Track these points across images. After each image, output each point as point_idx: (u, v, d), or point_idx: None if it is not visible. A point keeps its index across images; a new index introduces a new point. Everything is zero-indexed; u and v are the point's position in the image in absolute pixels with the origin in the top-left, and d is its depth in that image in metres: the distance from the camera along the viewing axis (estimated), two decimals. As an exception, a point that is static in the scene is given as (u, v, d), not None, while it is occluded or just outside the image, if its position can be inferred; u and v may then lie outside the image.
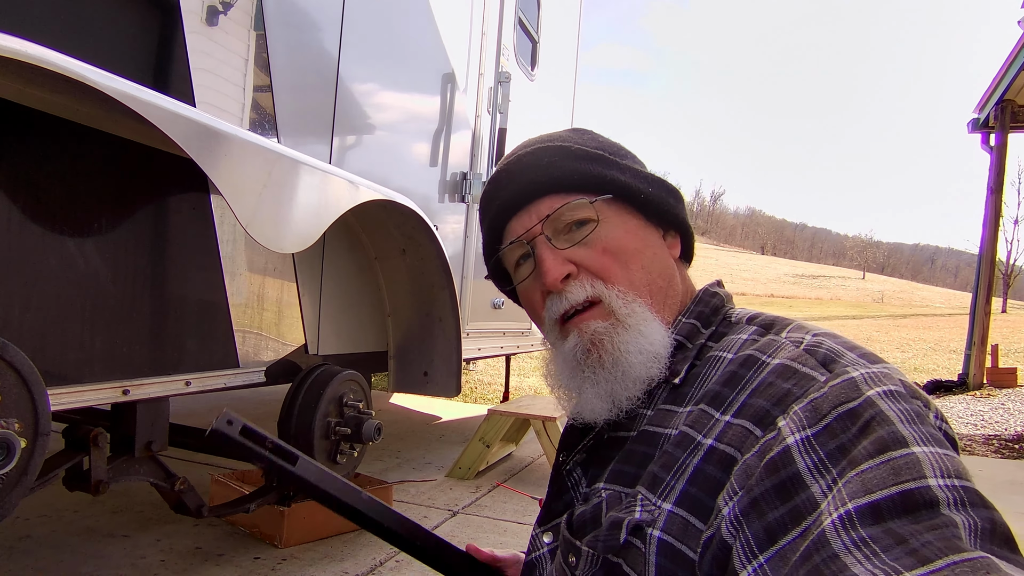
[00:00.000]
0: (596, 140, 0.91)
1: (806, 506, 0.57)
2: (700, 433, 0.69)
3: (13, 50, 1.04)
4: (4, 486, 1.15)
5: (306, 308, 2.34)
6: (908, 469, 0.54)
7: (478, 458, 3.57)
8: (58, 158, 1.46)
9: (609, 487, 0.75)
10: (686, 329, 0.83)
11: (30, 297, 1.41)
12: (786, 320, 0.80)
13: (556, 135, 0.90)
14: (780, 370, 0.69)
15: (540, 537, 0.87)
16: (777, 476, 0.60)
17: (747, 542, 0.59)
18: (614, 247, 0.83)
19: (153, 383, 1.68)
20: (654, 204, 0.87)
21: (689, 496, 0.66)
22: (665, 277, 0.85)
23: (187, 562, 2.21)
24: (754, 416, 0.66)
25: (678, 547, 0.65)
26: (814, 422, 0.61)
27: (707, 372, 0.76)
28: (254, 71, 2.00)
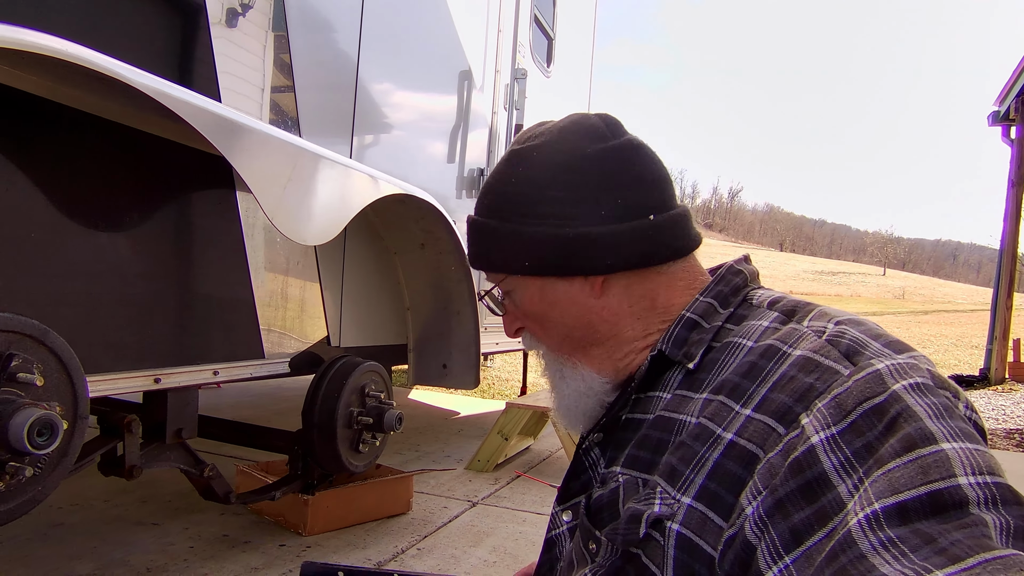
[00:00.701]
0: (506, 188, 0.87)
1: (832, 506, 0.56)
2: (720, 426, 0.69)
3: (52, 48, 1.10)
4: (47, 466, 1.21)
5: (328, 301, 2.39)
6: (937, 468, 0.53)
7: (496, 451, 3.61)
8: (90, 154, 1.52)
9: (626, 472, 0.76)
10: (702, 308, 0.83)
11: (66, 288, 1.47)
12: (809, 305, 0.78)
13: (492, 173, 0.91)
14: (802, 363, 0.67)
15: (560, 515, 0.89)
16: (802, 476, 0.59)
17: (772, 543, 0.58)
18: (528, 313, 0.90)
19: (183, 372, 1.74)
20: (543, 269, 0.85)
21: (708, 491, 0.66)
22: (584, 327, 0.86)
23: (215, 548, 2.27)
24: (776, 412, 0.65)
25: (696, 541, 0.65)
26: (839, 419, 0.60)
27: (725, 359, 0.75)
28: (276, 71, 2.05)
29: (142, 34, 1.63)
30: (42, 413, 1.09)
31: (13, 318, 1.15)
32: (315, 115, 2.22)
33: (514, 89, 3.73)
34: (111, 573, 2.04)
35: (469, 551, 2.41)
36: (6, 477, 1.14)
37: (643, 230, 0.82)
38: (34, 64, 1.29)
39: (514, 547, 2.46)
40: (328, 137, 2.30)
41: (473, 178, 3.45)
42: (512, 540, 2.54)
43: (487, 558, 2.35)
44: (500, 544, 2.49)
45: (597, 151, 0.84)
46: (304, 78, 2.15)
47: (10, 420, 1.07)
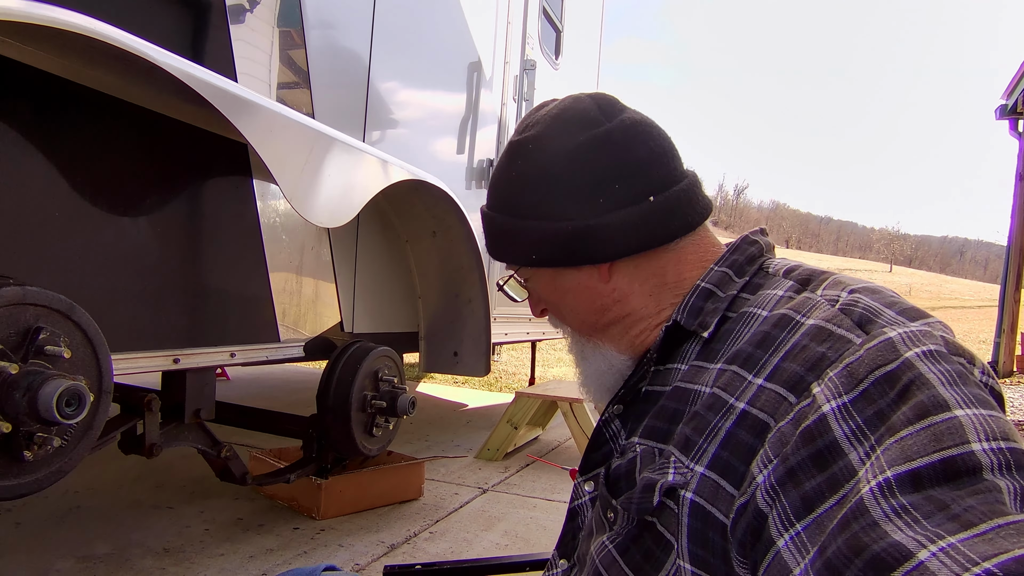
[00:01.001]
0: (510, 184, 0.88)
1: (843, 474, 0.56)
2: (732, 396, 0.69)
3: (82, 26, 1.12)
4: (73, 437, 1.23)
5: (342, 288, 2.42)
6: (950, 434, 0.53)
7: (506, 440, 3.63)
8: (113, 137, 1.54)
9: (643, 442, 0.77)
10: (716, 277, 0.83)
11: (89, 269, 1.49)
12: (824, 274, 0.78)
13: (497, 165, 0.93)
14: (814, 332, 0.67)
15: (582, 486, 0.90)
16: (813, 445, 0.59)
17: (783, 511, 0.58)
18: (545, 300, 0.93)
19: (201, 353, 1.76)
20: (553, 261, 0.87)
21: (721, 460, 0.66)
22: (593, 311, 0.89)
23: (230, 531, 2.30)
24: (787, 382, 0.65)
25: (708, 509, 0.66)
26: (850, 388, 0.60)
27: (740, 329, 0.75)
28: (291, 65, 2.08)
29: (164, 26, 1.65)
30: (71, 383, 1.12)
31: (41, 292, 1.17)
32: (329, 107, 2.24)
33: (523, 81, 3.74)
34: (129, 553, 2.07)
35: (481, 535, 2.43)
36: (34, 447, 1.16)
37: (644, 214, 0.82)
38: (63, 45, 1.31)
39: (525, 531, 2.49)
40: (341, 129, 2.32)
41: (483, 169, 3.47)
42: (523, 525, 2.56)
43: (499, 541, 2.37)
44: (512, 528, 2.51)
45: (589, 139, 0.83)
46: (318, 71, 2.17)
47: (40, 389, 1.09)
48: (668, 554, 0.70)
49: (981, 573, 0.45)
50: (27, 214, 1.38)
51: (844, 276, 0.77)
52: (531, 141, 0.86)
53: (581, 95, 0.89)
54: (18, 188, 1.35)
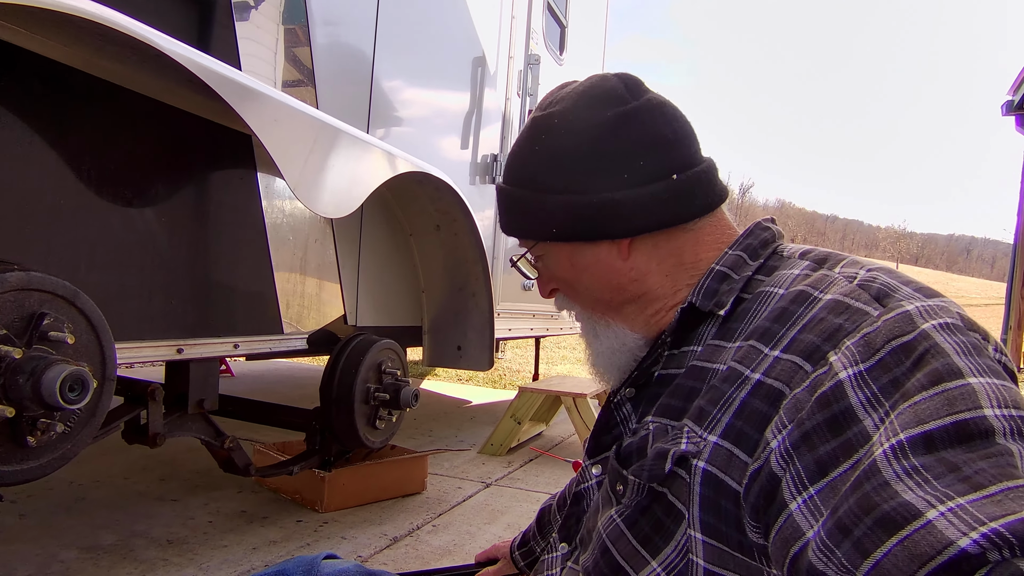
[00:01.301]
0: (534, 156, 0.88)
1: (858, 439, 0.57)
2: (748, 368, 0.69)
3: (92, 13, 1.12)
4: (77, 423, 1.24)
5: (345, 281, 2.42)
6: (963, 399, 0.54)
7: (510, 435, 3.63)
8: (119, 127, 1.55)
9: (656, 420, 0.77)
10: (731, 260, 0.84)
11: (94, 257, 1.50)
12: (840, 255, 0.79)
13: (517, 140, 0.92)
14: (832, 305, 0.67)
15: (589, 469, 0.90)
16: (829, 410, 0.59)
17: (797, 474, 0.59)
18: (559, 277, 0.93)
19: (205, 343, 1.77)
20: (574, 235, 0.87)
21: (734, 428, 0.67)
22: (610, 289, 0.88)
23: (234, 523, 2.31)
24: (804, 351, 0.65)
25: (721, 477, 0.66)
26: (867, 356, 0.60)
27: (757, 308, 0.75)
28: (296, 63, 2.08)
29: (170, 23, 1.66)
30: (74, 368, 1.12)
31: (45, 278, 1.18)
32: (333, 103, 2.24)
33: (527, 76, 3.74)
34: (134, 543, 2.08)
35: (484, 528, 2.44)
36: (37, 433, 1.17)
37: (666, 191, 0.83)
38: (72, 34, 1.32)
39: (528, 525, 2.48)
40: (346, 122, 2.32)
41: (487, 164, 3.46)
42: (527, 518, 2.56)
43: (502, 535, 2.37)
44: (515, 521, 2.51)
45: (616, 115, 0.84)
46: (323, 67, 2.17)
47: (43, 374, 1.10)
48: (679, 524, 0.70)
49: (988, 532, 0.46)
50: (33, 202, 1.38)
51: (861, 258, 0.78)
52: (557, 116, 0.87)
53: (607, 74, 0.90)
54: (24, 176, 1.36)
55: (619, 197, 0.83)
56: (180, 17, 1.69)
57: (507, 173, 0.93)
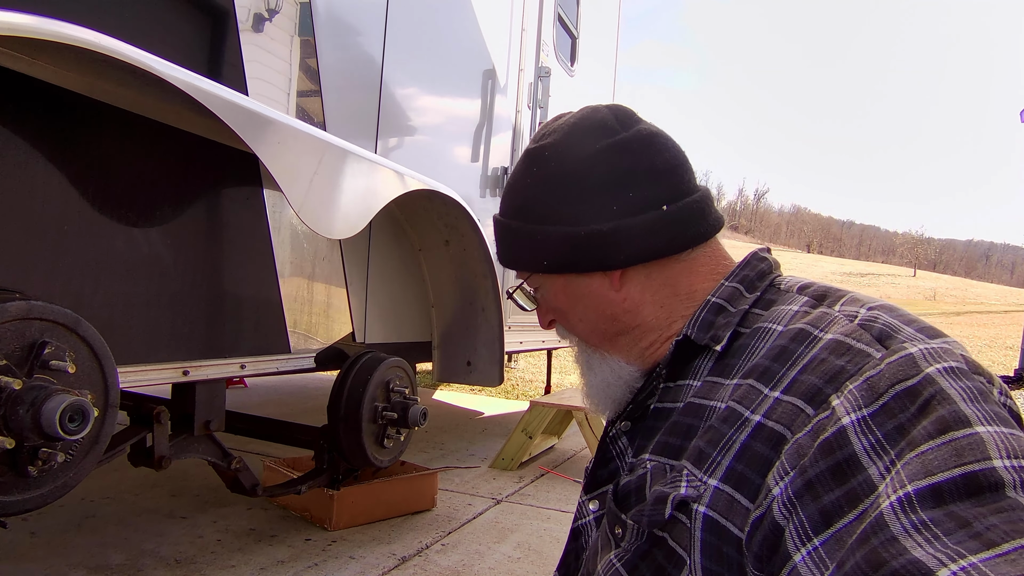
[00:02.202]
0: (526, 190, 0.89)
1: (863, 488, 0.55)
2: (748, 409, 0.68)
3: (90, 41, 1.12)
4: (79, 452, 1.23)
5: (353, 297, 2.41)
6: (971, 450, 0.52)
7: (521, 449, 3.61)
8: (123, 150, 1.55)
9: (654, 458, 0.76)
10: (727, 292, 0.82)
11: (98, 280, 1.50)
12: (840, 291, 0.77)
13: (512, 174, 0.93)
14: (833, 346, 0.66)
15: (586, 504, 0.89)
16: (832, 457, 0.58)
17: (801, 524, 0.57)
18: (554, 308, 0.93)
19: (211, 365, 1.76)
20: (564, 266, 0.87)
21: (735, 473, 0.65)
22: (604, 318, 0.88)
23: (242, 541, 2.30)
24: (805, 394, 0.64)
25: (723, 524, 0.65)
26: (870, 401, 0.59)
27: (755, 344, 0.74)
28: (303, 75, 2.08)
29: (175, 37, 1.66)
30: (74, 399, 1.12)
31: (46, 306, 1.17)
32: (341, 116, 2.24)
33: (538, 88, 3.73)
34: (142, 563, 2.08)
35: (494, 547, 2.41)
36: (38, 463, 1.16)
37: (656, 222, 0.82)
38: (73, 59, 1.32)
39: (539, 543, 2.46)
40: (353, 138, 2.32)
41: (497, 177, 3.45)
42: (537, 537, 2.53)
43: (512, 554, 2.35)
44: (525, 540, 2.49)
45: (606, 147, 0.84)
46: (330, 80, 2.17)
47: (43, 405, 1.09)
48: (680, 570, 0.69)
49: None
50: (38, 226, 1.38)
51: (860, 294, 0.76)
52: (548, 148, 0.87)
53: (598, 106, 0.90)
54: (29, 201, 1.36)
55: (609, 228, 0.82)
56: (185, 32, 1.69)
57: (503, 204, 0.93)
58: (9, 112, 1.30)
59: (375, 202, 1.89)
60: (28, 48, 1.26)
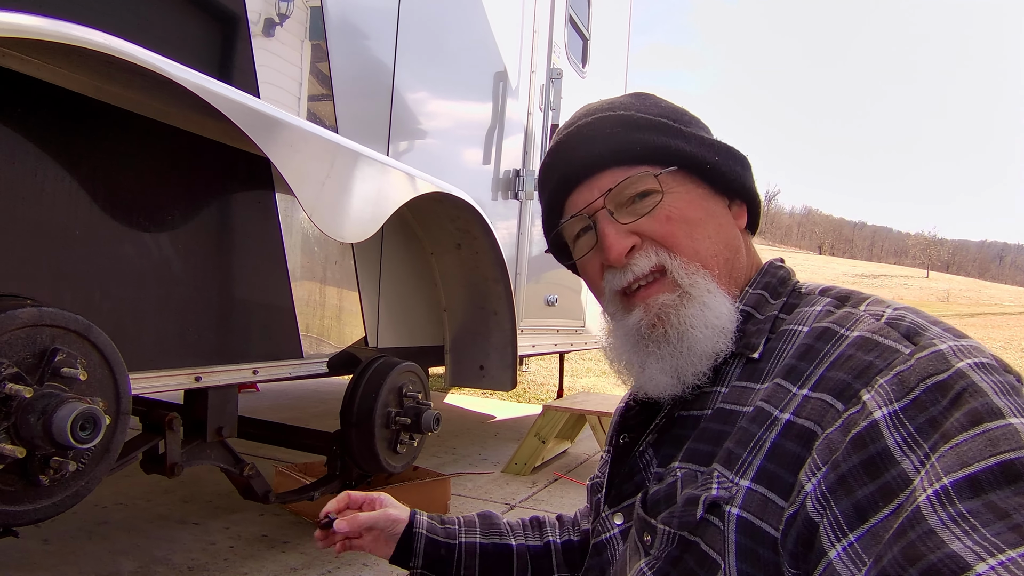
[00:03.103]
0: (659, 106, 0.88)
1: (897, 483, 0.55)
2: (776, 408, 0.68)
3: (98, 43, 1.10)
4: (90, 460, 1.22)
5: (366, 302, 2.39)
6: (1006, 439, 0.52)
7: (534, 454, 3.58)
8: (133, 153, 1.53)
9: (684, 466, 0.74)
10: (753, 299, 0.82)
11: (109, 285, 1.48)
12: (862, 294, 0.77)
13: (617, 102, 0.88)
14: (860, 342, 0.66)
15: (610, 518, 0.86)
16: (865, 451, 0.58)
17: (835, 520, 0.57)
18: (678, 217, 0.82)
19: (223, 371, 1.75)
20: (720, 173, 0.85)
21: (767, 472, 0.65)
22: (731, 248, 0.84)
23: (254, 548, 2.28)
24: (834, 389, 0.64)
25: (758, 524, 0.64)
26: (901, 395, 0.59)
27: (782, 347, 0.74)
28: (314, 78, 2.06)
29: (186, 41, 1.65)
30: (85, 407, 1.10)
31: (57, 313, 1.16)
32: (353, 119, 2.22)
33: (550, 89, 3.70)
34: (154, 570, 2.06)
35: (508, 553, 2.38)
36: (50, 471, 1.14)
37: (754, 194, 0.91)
38: (81, 62, 1.30)
39: (553, 550, 2.43)
40: (365, 142, 2.30)
41: (509, 180, 3.43)
42: (551, 543, 2.50)
43: (526, 561, 2.32)
44: (539, 547, 2.46)
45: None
46: (342, 83, 2.15)
47: (54, 414, 1.07)
48: (714, 574, 0.67)
49: None
50: (48, 231, 1.37)
51: (883, 297, 0.77)
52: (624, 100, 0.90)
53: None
54: (38, 206, 1.34)
55: (740, 154, 0.87)
56: (197, 36, 1.68)
57: (639, 113, 0.85)
58: (17, 116, 1.28)
59: (388, 205, 1.87)
60: (36, 51, 1.25)
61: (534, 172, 3.52)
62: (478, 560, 1.04)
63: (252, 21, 1.79)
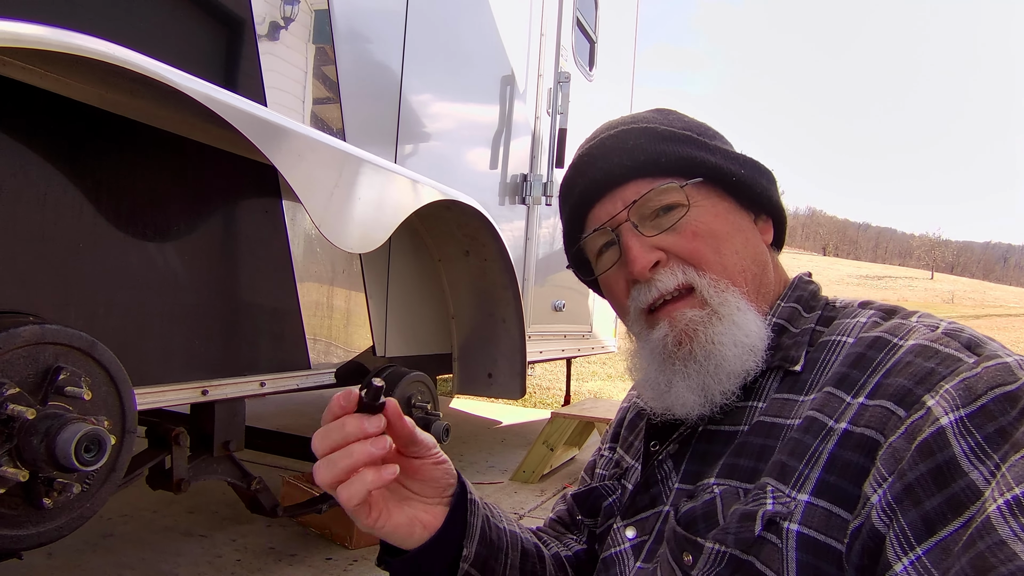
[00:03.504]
0: (682, 120, 0.86)
1: (967, 494, 0.53)
2: (831, 418, 0.65)
3: (100, 52, 1.07)
4: (95, 481, 1.18)
5: (373, 311, 2.36)
6: None
7: (542, 461, 3.55)
8: (137, 163, 1.50)
9: (723, 482, 0.70)
10: (787, 312, 0.80)
11: (114, 298, 1.45)
12: (907, 309, 0.76)
13: (640, 116, 0.86)
14: (918, 350, 0.64)
15: (622, 531, 0.81)
16: (932, 460, 0.56)
17: (902, 532, 0.55)
18: (705, 231, 0.78)
19: (230, 384, 1.71)
20: (746, 187, 0.82)
21: (829, 485, 0.62)
22: (759, 263, 0.81)
23: (262, 561, 2.25)
24: (895, 395, 0.62)
25: (822, 540, 0.61)
26: (968, 401, 0.57)
27: (826, 357, 0.72)
28: (321, 82, 2.03)
29: (190, 48, 1.61)
30: (90, 428, 1.06)
31: (61, 330, 1.12)
32: (360, 124, 2.18)
33: (557, 93, 3.66)
34: (159, 586, 2.03)
35: (518, 566, 2.35)
36: (54, 494, 1.11)
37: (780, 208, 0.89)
38: (84, 71, 1.27)
39: (564, 562, 2.39)
40: (373, 146, 2.27)
41: (516, 184, 3.39)
42: (562, 555, 2.46)
43: (537, 573, 2.28)
44: (550, 559, 2.42)
45: None
46: (349, 88, 2.12)
47: (58, 435, 1.04)
48: None
49: None
50: (52, 244, 1.33)
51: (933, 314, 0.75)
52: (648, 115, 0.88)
53: None
54: (41, 217, 1.31)
55: (765, 167, 0.86)
56: (203, 42, 1.65)
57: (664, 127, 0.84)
58: (20, 126, 1.25)
59: (397, 214, 1.84)
60: (38, 60, 1.22)
61: (541, 177, 3.49)
62: (520, 557, 0.84)
63: (258, 25, 1.76)
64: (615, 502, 0.89)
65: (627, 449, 0.94)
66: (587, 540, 0.94)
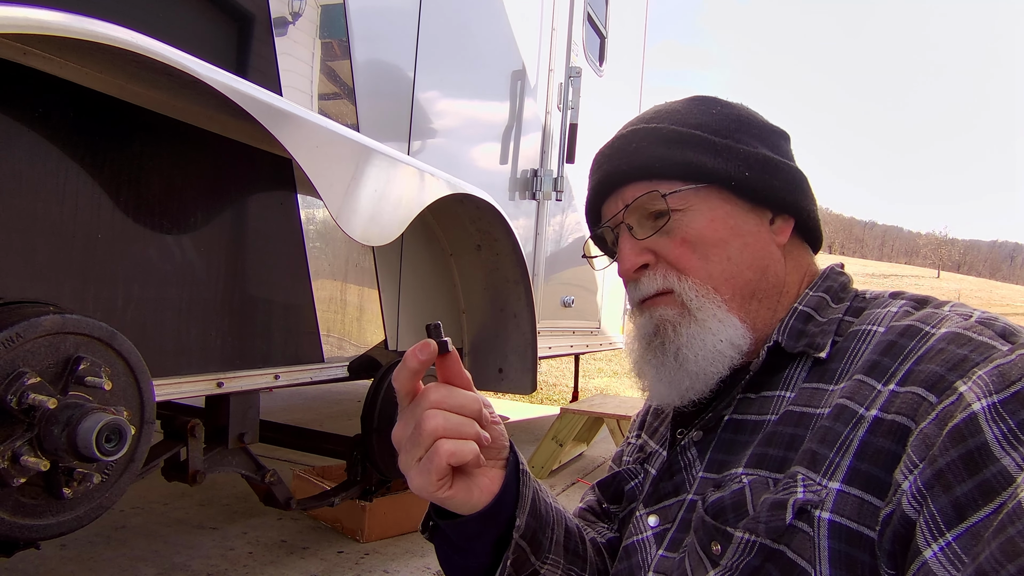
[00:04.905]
0: (709, 114, 0.85)
1: (998, 481, 0.53)
2: (862, 405, 0.65)
3: (123, 40, 1.07)
4: (114, 472, 1.18)
5: (386, 305, 2.35)
6: None
7: (551, 457, 3.54)
8: (155, 155, 1.50)
9: (752, 472, 0.70)
10: (814, 301, 0.81)
11: (131, 289, 1.45)
12: (938, 299, 0.75)
13: (664, 109, 0.87)
14: (951, 337, 0.64)
15: (644, 519, 0.81)
16: (963, 446, 0.55)
17: (932, 518, 0.55)
18: (693, 237, 0.80)
19: (245, 376, 1.71)
20: (750, 189, 0.81)
21: (860, 472, 0.62)
22: (756, 268, 0.81)
23: (274, 554, 2.25)
24: (926, 382, 0.62)
25: (855, 528, 0.61)
26: (1001, 387, 0.57)
27: (855, 346, 0.72)
28: (337, 77, 2.02)
29: (208, 39, 1.61)
30: (111, 418, 1.06)
31: (81, 319, 1.12)
32: (374, 118, 2.18)
33: (568, 89, 3.65)
34: (173, 578, 2.03)
35: (530, 561, 2.34)
36: (74, 484, 1.11)
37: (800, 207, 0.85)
38: (105, 60, 1.27)
39: (576, 557, 2.39)
40: (387, 140, 2.26)
41: (526, 179, 3.39)
42: (573, 550, 2.46)
43: (549, 568, 2.28)
44: (561, 554, 2.42)
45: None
46: (363, 82, 2.11)
47: (79, 425, 1.04)
48: None
49: None
50: (69, 235, 1.33)
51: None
52: (709, 99, 0.89)
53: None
54: (59, 209, 1.31)
55: (794, 167, 0.85)
56: (219, 36, 1.64)
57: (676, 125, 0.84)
58: (39, 116, 1.25)
59: (412, 207, 1.83)
60: (59, 48, 1.21)
61: (552, 172, 3.48)
62: (564, 534, 0.81)
63: (275, 20, 1.75)
64: (637, 486, 0.89)
65: (651, 434, 0.95)
66: (618, 528, 0.94)
